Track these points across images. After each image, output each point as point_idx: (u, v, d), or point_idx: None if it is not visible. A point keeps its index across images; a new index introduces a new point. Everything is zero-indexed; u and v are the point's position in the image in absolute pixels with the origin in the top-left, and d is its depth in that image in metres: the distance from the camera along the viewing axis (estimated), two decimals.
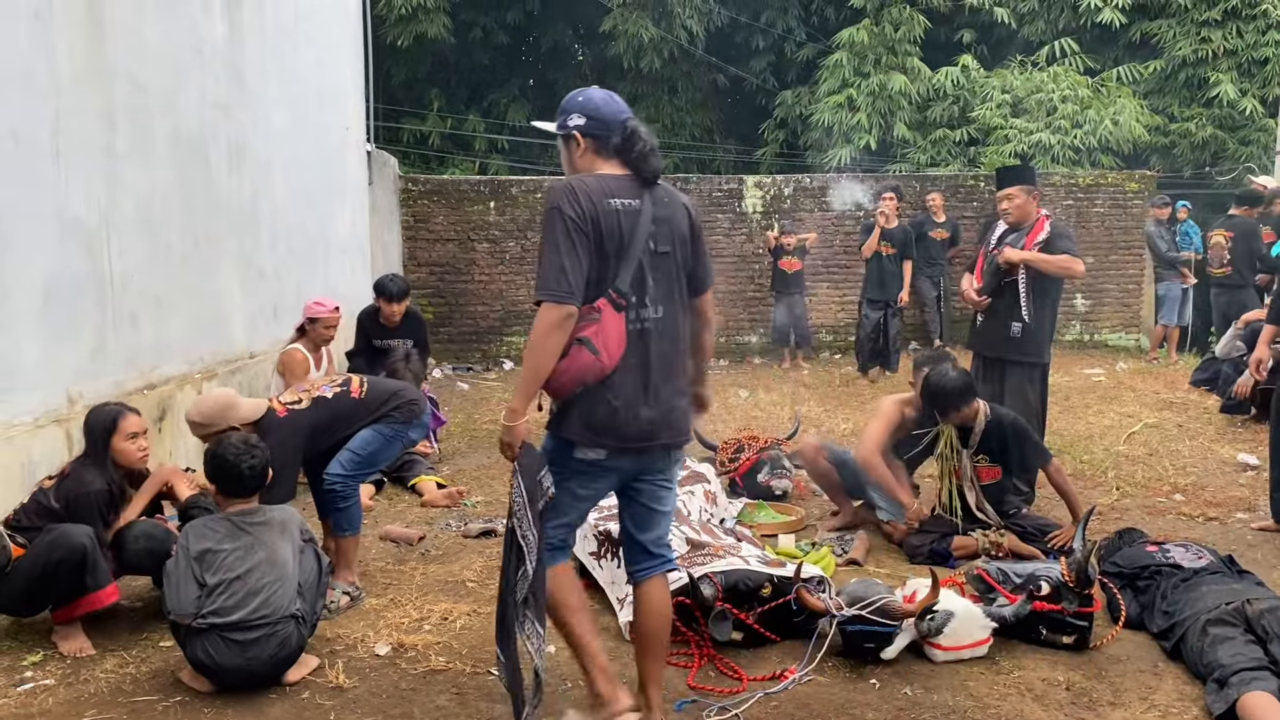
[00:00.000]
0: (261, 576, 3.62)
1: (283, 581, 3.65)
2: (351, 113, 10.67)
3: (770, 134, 19.32)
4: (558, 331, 2.92)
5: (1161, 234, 12.09)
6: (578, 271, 2.93)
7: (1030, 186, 5.94)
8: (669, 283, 3.15)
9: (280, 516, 3.84)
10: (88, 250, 5.35)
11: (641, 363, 3.05)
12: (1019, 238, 5.86)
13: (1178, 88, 16.86)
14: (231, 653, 3.54)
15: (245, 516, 3.78)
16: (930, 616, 3.81)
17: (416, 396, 4.78)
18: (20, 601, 4.01)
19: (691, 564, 4.12)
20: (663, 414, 3.09)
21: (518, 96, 20.08)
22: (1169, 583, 4.19)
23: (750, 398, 9.97)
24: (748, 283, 13.28)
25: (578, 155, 3.15)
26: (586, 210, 2.95)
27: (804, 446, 5.96)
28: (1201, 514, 5.86)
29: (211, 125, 6.91)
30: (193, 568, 3.63)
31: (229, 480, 3.80)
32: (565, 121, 3.15)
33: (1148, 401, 9.31)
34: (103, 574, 4.03)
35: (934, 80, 16.95)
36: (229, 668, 3.55)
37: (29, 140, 4.88)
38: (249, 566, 3.63)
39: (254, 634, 3.55)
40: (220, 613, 3.54)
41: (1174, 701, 3.57)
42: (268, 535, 3.73)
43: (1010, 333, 5.80)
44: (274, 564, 3.67)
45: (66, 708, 3.52)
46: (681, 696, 3.60)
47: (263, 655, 3.57)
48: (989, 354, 5.96)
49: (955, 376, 5.04)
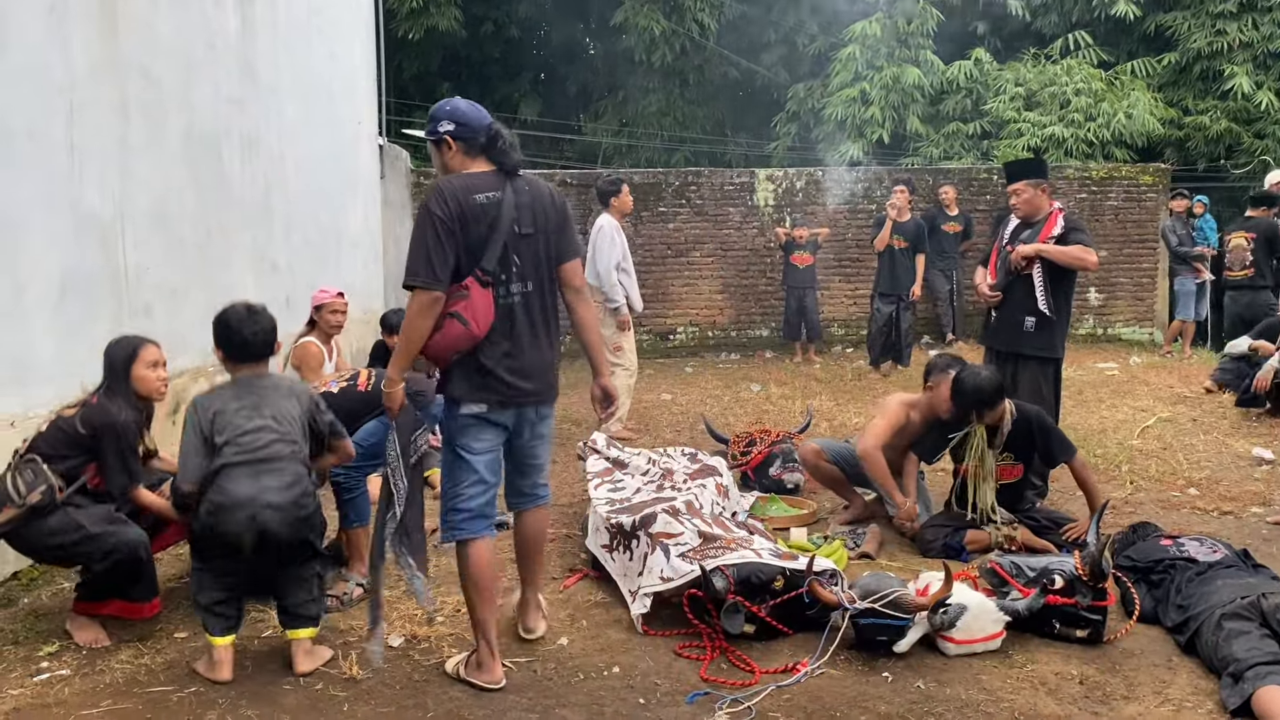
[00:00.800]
0: (270, 429, 3.67)
1: (291, 433, 3.72)
2: (363, 106, 10.69)
3: (782, 127, 19.28)
4: (427, 312, 3.44)
5: (1175, 228, 12.02)
6: (443, 262, 3.44)
7: (1039, 180, 5.91)
8: (535, 261, 3.62)
9: (289, 383, 3.88)
10: (102, 243, 5.37)
11: (510, 330, 3.57)
12: (1034, 233, 5.82)
13: (1192, 80, 16.74)
14: (242, 483, 3.56)
15: (253, 381, 3.80)
16: (943, 610, 3.80)
17: (424, 388, 4.77)
18: (48, 553, 4.00)
19: (704, 556, 4.12)
20: (532, 373, 3.63)
21: (529, 91, 20.09)
22: (1183, 577, 4.18)
23: (762, 391, 9.96)
24: (759, 277, 13.26)
25: (449, 157, 3.64)
26: (453, 209, 3.45)
27: (803, 452, 5.94)
28: (1216, 508, 5.83)
29: (224, 119, 6.93)
30: (202, 431, 3.66)
31: (234, 346, 3.80)
32: (435, 128, 3.62)
33: (1162, 396, 9.26)
34: (149, 585, 4.08)
35: (947, 73, 16.88)
36: (241, 498, 3.55)
37: (44, 134, 4.90)
38: (257, 424, 3.67)
39: (265, 466, 3.61)
40: (229, 459, 3.60)
41: (1188, 696, 3.55)
42: (274, 396, 3.77)
43: (1025, 327, 5.78)
44: (281, 420, 3.72)
45: (82, 698, 3.54)
46: (694, 689, 3.60)
47: (275, 485, 3.60)
48: (1003, 348, 5.93)
49: (988, 376, 5.01)
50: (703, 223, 13.21)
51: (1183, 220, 12.09)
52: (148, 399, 4.22)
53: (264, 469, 3.62)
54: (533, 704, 3.49)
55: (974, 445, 5.11)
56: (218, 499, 3.59)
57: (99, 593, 4.04)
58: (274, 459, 3.65)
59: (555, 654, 3.92)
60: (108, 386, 4.14)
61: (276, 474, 3.63)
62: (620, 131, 20.11)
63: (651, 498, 4.92)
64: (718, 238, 13.23)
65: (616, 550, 4.57)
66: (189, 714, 3.42)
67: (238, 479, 3.59)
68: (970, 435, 5.12)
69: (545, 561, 4.33)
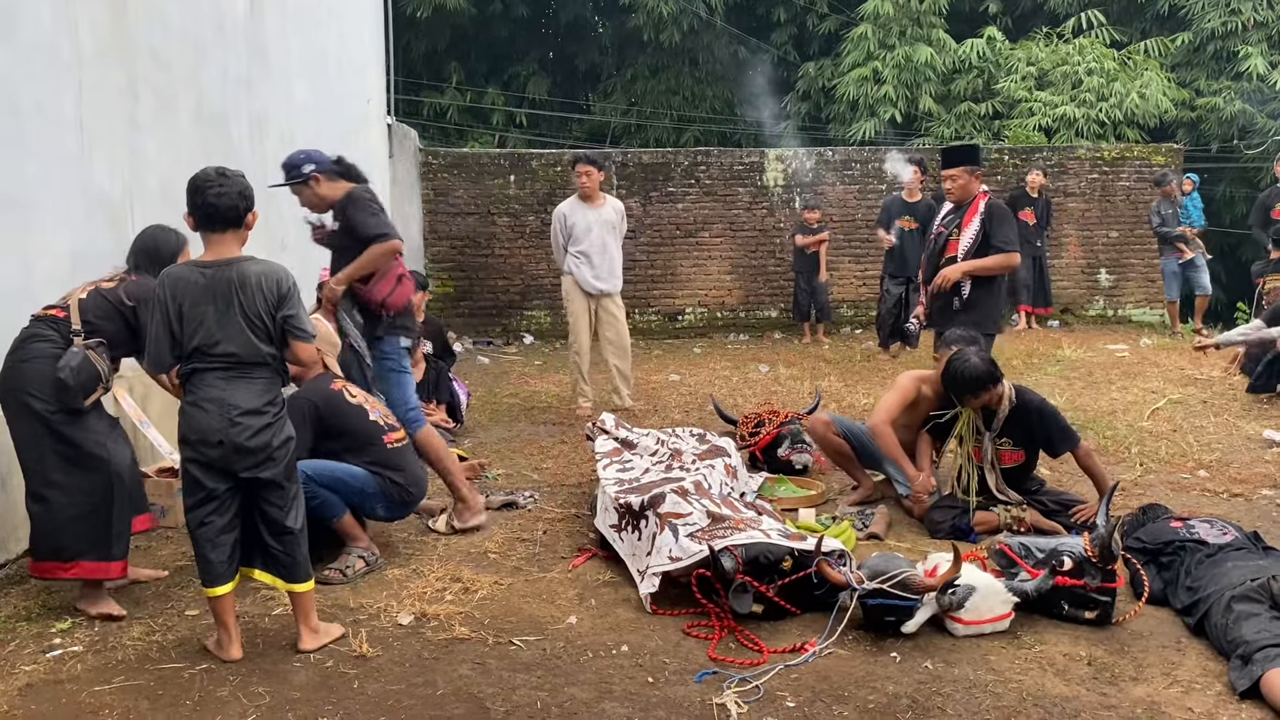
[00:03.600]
0: (236, 335, 3.57)
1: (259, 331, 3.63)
2: (372, 85, 10.67)
3: (793, 107, 19.19)
4: (391, 254, 5.07)
5: (1160, 208, 12.01)
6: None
7: (973, 167, 6.20)
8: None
9: (258, 271, 3.63)
10: (112, 223, 5.38)
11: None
12: (954, 218, 6.13)
13: (1206, 60, 16.61)
14: (213, 388, 3.56)
15: (219, 269, 3.59)
16: (951, 591, 3.80)
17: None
18: (61, 452, 4.00)
19: (712, 537, 4.12)
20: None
21: (537, 70, 19.98)
22: (1193, 559, 4.17)
23: (770, 372, 9.95)
24: (768, 257, 13.24)
25: (322, 187, 5.01)
26: (377, 197, 5.16)
27: (813, 423, 5.97)
28: (1226, 490, 5.82)
29: (234, 100, 6.92)
30: (171, 325, 3.57)
31: (197, 208, 3.61)
32: (300, 170, 4.96)
33: (1172, 377, 9.23)
34: (121, 540, 4.10)
35: (959, 52, 16.77)
36: (211, 401, 3.58)
37: (53, 113, 4.90)
38: (226, 332, 3.56)
39: (235, 373, 3.59)
40: (198, 365, 3.59)
41: (1197, 677, 3.55)
42: (242, 290, 3.58)
43: (954, 308, 6.03)
44: (250, 319, 3.59)
45: (94, 674, 3.57)
46: (702, 668, 3.61)
47: (245, 393, 3.60)
48: (939, 328, 6.13)
49: (976, 363, 5.00)
50: (712, 203, 13.17)
51: (1170, 200, 12.04)
52: None
53: (234, 376, 3.59)
54: (541, 681, 3.51)
55: (960, 429, 5.13)
56: (188, 399, 3.61)
57: (60, 548, 3.98)
58: (243, 365, 3.59)
59: (564, 633, 3.93)
60: (145, 270, 4.22)
61: (246, 382, 3.60)
62: (629, 111, 20.02)
63: (660, 478, 4.93)
64: (727, 218, 13.20)
65: (625, 530, 4.58)
66: (200, 691, 3.44)
67: (209, 384, 3.58)
68: (957, 418, 5.13)
69: (453, 466, 5.30)
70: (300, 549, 3.76)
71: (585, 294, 7.91)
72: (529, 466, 6.51)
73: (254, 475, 3.63)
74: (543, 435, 7.40)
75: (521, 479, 6.21)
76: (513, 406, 8.50)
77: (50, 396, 3.94)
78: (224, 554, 3.66)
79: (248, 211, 3.70)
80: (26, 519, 4.63)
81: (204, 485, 3.61)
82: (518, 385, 9.55)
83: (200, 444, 3.58)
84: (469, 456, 6.58)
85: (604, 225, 7.90)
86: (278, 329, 3.65)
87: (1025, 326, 12.55)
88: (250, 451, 3.59)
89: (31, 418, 3.96)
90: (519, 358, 11.39)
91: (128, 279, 4.23)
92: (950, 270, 5.96)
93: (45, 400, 3.95)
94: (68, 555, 3.99)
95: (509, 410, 8.34)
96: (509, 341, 12.64)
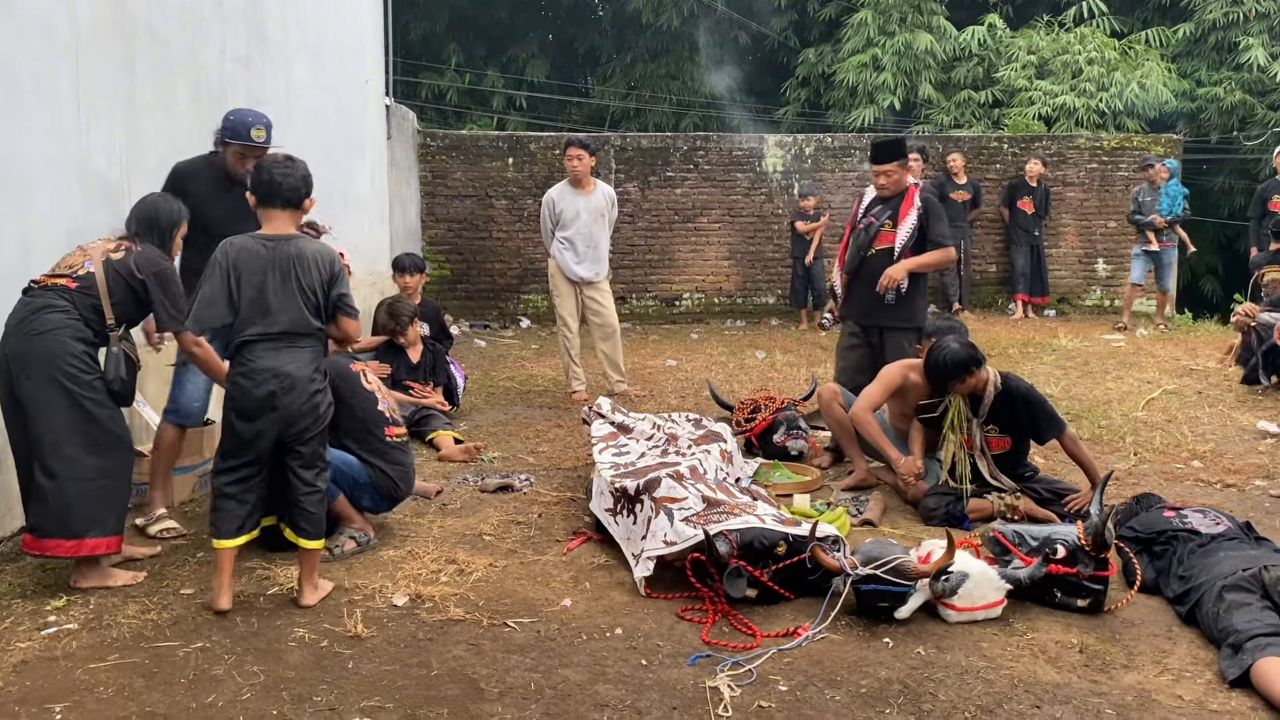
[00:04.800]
0: (292, 307, 3.86)
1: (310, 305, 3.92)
2: (370, 66, 10.61)
3: (792, 93, 19.13)
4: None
5: (1139, 195, 11.83)
6: None
7: (904, 160, 6.28)
8: None
9: (314, 249, 3.94)
10: (109, 202, 5.36)
11: None
12: (885, 209, 6.16)
13: (1207, 51, 16.57)
14: (264, 358, 3.81)
15: (279, 244, 3.89)
16: (945, 577, 3.82)
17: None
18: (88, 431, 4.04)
19: (707, 521, 4.13)
20: None
21: (537, 53, 19.91)
22: (1185, 548, 4.19)
23: (767, 358, 9.96)
24: (766, 243, 13.22)
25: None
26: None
27: (822, 390, 6.09)
28: (1220, 480, 5.84)
29: (231, 79, 6.88)
30: (230, 290, 3.83)
31: (260, 185, 3.96)
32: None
33: (1167, 368, 9.25)
34: (123, 521, 4.14)
35: (960, 40, 16.72)
36: (261, 370, 3.82)
37: (50, 91, 4.88)
38: (282, 303, 3.84)
39: (285, 342, 3.86)
40: (249, 336, 3.85)
41: (1187, 665, 3.58)
42: (300, 265, 3.88)
43: (886, 300, 6.03)
44: (305, 292, 3.89)
45: (89, 651, 3.58)
46: (696, 651, 3.63)
47: (293, 361, 3.86)
48: (865, 322, 6.21)
49: (956, 350, 5.02)
50: (710, 188, 13.15)
51: (1151, 187, 11.83)
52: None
53: (284, 346, 3.85)
54: (535, 663, 3.53)
55: (952, 417, 5.14)
56: (239, 370, 3.84)
57: (68, 525, 3.98)
58: (291, 335, 3.86)
59: (559, 615, 3.95)
60: (142, 240, 4.27)
61: (295, 351, 3.86)
62: (628, 95, 19.96)
63: (656, 462, 4.94)
64: (725, 203, 13.17)
65: (620, 514, 4.59)
66: (195, 669, 3.45)
67: (260, 354, 3.82)
68: (949, 407, 5.14)
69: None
70: (324, 507, 4.03)
71: (569, 280, 7.90)
72: (525, 450, 6.51)
73: (297, 439, 3.89)
74: (539, 419, 7.41)
75: (517, 462, 6.22)
76: (509, 390, 8.51)
77: (78, 371, 3.97)
78: (243, 512, 3.91)
79: (307, 196, 4.05)
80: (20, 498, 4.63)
81: (246, 449, 3.87)
82: (514, 369, 9.55)
83: (254, 410, 3.81)
84: (464, 439, 6.59)
85: (593, 212, 7.86)
86: (329, 305, 3.96)
87: (1022, 315, 12.56)
88: (301, 416, 3.87)
89: (61, 394, 3.95)
90: (515, 341, 11.38)
91: (133, 248, 4.22)
92: (896, 270, 5.98)
93: (73, 377, 3.96)
94: (76, 532, 3.99)
95: (505, 394, 8.34)
96: (506, 325, 12.63)
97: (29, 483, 4.02)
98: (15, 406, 4.00)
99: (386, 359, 6.84)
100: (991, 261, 13.44)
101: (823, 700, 3.30)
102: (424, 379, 7.06)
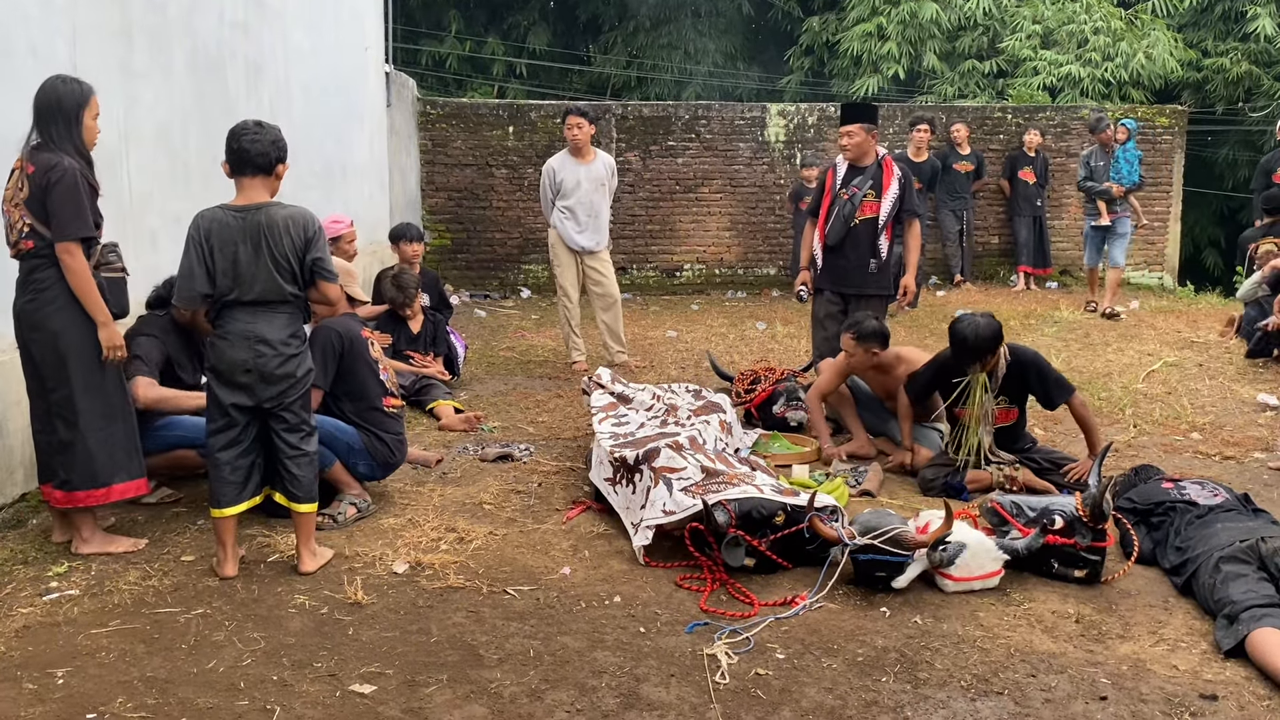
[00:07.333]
0: (265, 276, 3.86)
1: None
2: (370, 33, 10.52)
3: (795, 61, 18.98)
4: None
5: (1089, 159, 10.47)
6: None
7: (871, 125, 6.33)
8: None
9: (285, 214, 3.92)
10: (107, 168, 5.31)
11: None
12: (865, 179, 6.28)
13: (1214, 21, 16.43)
14: (240, 322, 3.85)
15: (249, 213, 3.88)
16: (942, 547, 3.83)
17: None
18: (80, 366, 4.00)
19: (706, 491, 4.14)
20: None
21: (537, 20, 19.74)
22: (1183, 519, 4.20)
23: (767, 330, 9.95)
24: (768, 214, 13.16)
25: None
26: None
27: (821, 366, 6.12)
28: (1219, 453, 5.85)
29: (230, 45, 6.83)
30: (206, 262, 3.85)
31: (231, 153, 3.92)
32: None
33: (1168, 340, 9.24)
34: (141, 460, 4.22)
35: (964, 9, 16.57)
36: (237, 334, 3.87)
37: (46, 56, 4.83)
38: (255, 272, 3.85)
39: (261, 309, 3.88)
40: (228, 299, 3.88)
41: (1183, 636, 3.59)
42: (271, 234, 3.87)
43: (869, 269, 6.33)
44: (277, 260, 3.88)
45: (91, 617, 3.60)
46: (693, 619, 3.65)
47: (269, 325, 3.89)
48: (852, 291, 6.38)
49: (986, 324, 4.98)
50: (712, 158, 13.07)
51: (1104, 150, 10.38)
52: (88, 149, 4.04)
53: (260, 310, 3.87)
54: (535, 630, 3.55)
55: (975, 393, 5.11)
56: (218, 332, 3.89)
57: (94, 474, 4.02)
58: (268, 303, 3.87)
59: (558, 583, 3.97)
60: (48, 134, 3.90)
61: (271, 315, 3.88)
62: (630, 64, 19.82)
63: (655, 433, 4.94)
64: (727, 173, 13.10)
65: (619, 483, 4.60)
66: (196, 635, 3.48)
67: (237, 317, 3.86)
68: (972, 383, 5.12)
69: None
70: (312, 470, 4.04)
71: (570, 250, 7.87)
72: (525, 419, 6.52)
73: (277, 403, 3.90)
74: (539, 389, 7.41)
75: (517, 432, 6.23)
76: (509, 360, 8.51)
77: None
78: (238, 478, 3.94)
79: (279, 161, 4.01)
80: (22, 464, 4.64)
81: (228, 413, 3.89)
82: (514, 339, 9.54)
83: (230, 372, 3.85)
84: (465, 409, 6.60)
85: (593, 181, 7.81)
86: (305, 270, 3.93)
87: (1024, 287, 12.52)
88: (276, 379, 3.88)
89: (93, 348, 3.96)
90: (516, 311, 11.37)
91: (37, 155, 3.89)
92: (909, 282, 6.45)
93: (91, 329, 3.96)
94: (103, 480, 4.05)
95: (505, 363, 8.34)
96: (506, 295, 12.60)
97: (50, 439, 4.04)
98: (30, 364, 4.03)
99: (387, 329, 6.82)
100: (994, 233, 13.39)
101: (819, 668, 3.32)
102: (424, 349, 7.05)
